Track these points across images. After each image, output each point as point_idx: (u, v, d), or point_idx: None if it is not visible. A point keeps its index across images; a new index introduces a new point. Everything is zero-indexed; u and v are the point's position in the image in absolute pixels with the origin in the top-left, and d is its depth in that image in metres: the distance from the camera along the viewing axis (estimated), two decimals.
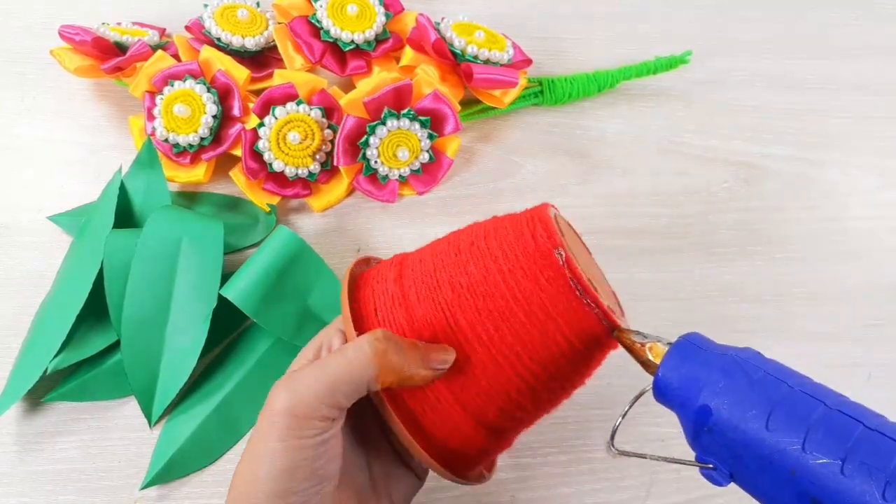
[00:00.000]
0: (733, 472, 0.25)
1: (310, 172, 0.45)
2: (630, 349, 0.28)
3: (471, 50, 0.47)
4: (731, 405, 0.24)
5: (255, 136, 0.44)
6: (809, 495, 0.22)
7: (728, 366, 0.25)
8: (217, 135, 0.45)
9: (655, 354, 0.27)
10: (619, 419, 0.28)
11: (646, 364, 0.28)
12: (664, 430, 0.44)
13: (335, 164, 0.45)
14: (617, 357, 0.31)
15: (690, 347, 0.27)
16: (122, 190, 0.44)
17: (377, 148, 0.45)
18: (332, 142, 0.46)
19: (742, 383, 0.24)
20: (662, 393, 0.27)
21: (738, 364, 0.25)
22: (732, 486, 0.44)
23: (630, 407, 0.28)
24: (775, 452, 0.23)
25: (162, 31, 0.50)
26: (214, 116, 0.44)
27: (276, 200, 0.46)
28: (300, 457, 0.27)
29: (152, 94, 0.45)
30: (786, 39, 0.59)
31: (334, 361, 0.27)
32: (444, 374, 0.29)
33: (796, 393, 0.24)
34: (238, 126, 0.45)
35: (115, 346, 0.40)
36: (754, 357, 0.26)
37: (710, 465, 0.26)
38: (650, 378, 0.27)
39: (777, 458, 0.23)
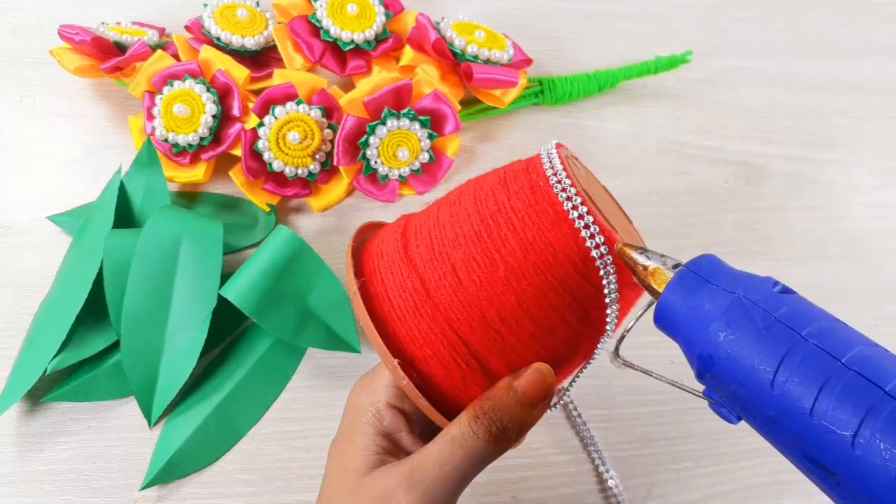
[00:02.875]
0: (741, 416, 0.23)
1: (309, 172, 0.45)
2: (633, 271, 0.26)
3: (471, 49, 0.47)
4: (733, 358, 0.21)
5: (255, 136, 0.44)
6: (818, 462, 0.20)
7: (733, 311, 0.22)
8: (217, 135, 0.45)
9: (658, 282, 0.25)
10: (625, 331, 0.27)
11: (649, 289, 0.25)
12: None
13: (335, 163, 0.45)
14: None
15: (695, 280, 0.23)
16: (122, 190, 0.44)
17: (377, 148, 0.45)
18: (331, 142, 0.46)
19: (747, 333, 0.21)
20: (663, 326, 0.25)
21: (744, 309, 0.22)
22: (732, 487, 0.45)
23: (635, 321, 0.27)
24: (782, 414, 0.20)
25: (161, 31, 0.50)
26: (214, 116, 0.44)
27: (275, 200, 0.46)
28: None
29: (152, 93, 0.45)
30: (786, 39, 0.59)
31: (455, 457, 0.26)
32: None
33: (808, 347, 0.20)
34: (238, 126, 0.44)
35: (114, 347, 0.40)
36: (767, 295, 0.22)
37: (718, 402, 0.23)
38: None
39: (783, 420, 0.20)
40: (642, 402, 0.44)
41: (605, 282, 0.26)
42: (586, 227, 0.26)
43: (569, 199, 0.26)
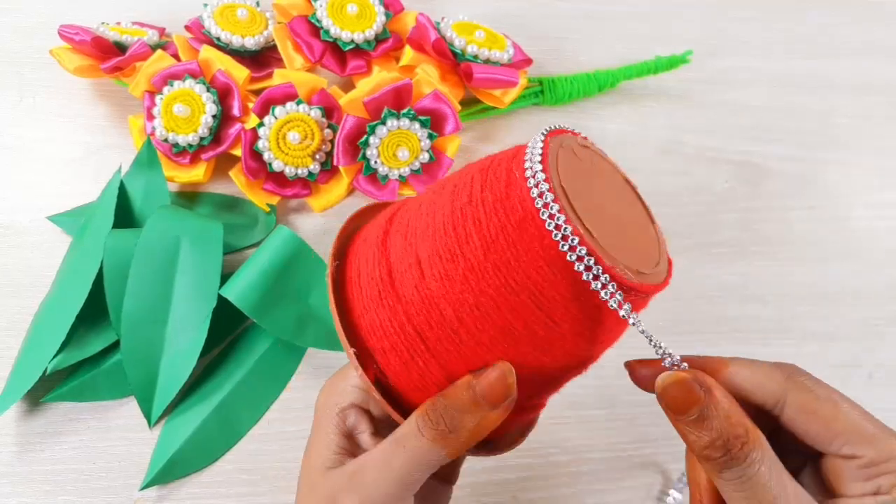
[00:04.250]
0: None
1: (309, 172, 0.45)
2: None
3: (471, 49, 0.47)
4: None
5: (255, 136, 0.44)
6: None
7: None
8: (217, 134, 0.45)
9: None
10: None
11: None
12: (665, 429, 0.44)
13: (335, 163, 0.45)
14: (617, 358, 0.31)
15: None
16: (122, 190, 0.44)
17: (377, 148, 0.45)
18: (331, 142, 0.46)
19: None
20: None
21: None
22: None
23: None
24: None
25: (161, 31, 0.50)
26: (214, 116, 0.44)
27: (275, 200, 0.46)
28: None
29: (152, 93, 0.45)
30: (786, 39, 0.59)
31: (397, 459, 0.25)
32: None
33: None
34: (238, 126, 0.44)
35: (114, 346, 0.40)
36: None
37: None
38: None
39: None
40: (642, 402, 0.43)
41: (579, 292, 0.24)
42: (557, 227, 0.23)
43: (540, 195, 0.23)
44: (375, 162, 0.45)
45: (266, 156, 0.44)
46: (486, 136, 0.51)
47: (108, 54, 0.46)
